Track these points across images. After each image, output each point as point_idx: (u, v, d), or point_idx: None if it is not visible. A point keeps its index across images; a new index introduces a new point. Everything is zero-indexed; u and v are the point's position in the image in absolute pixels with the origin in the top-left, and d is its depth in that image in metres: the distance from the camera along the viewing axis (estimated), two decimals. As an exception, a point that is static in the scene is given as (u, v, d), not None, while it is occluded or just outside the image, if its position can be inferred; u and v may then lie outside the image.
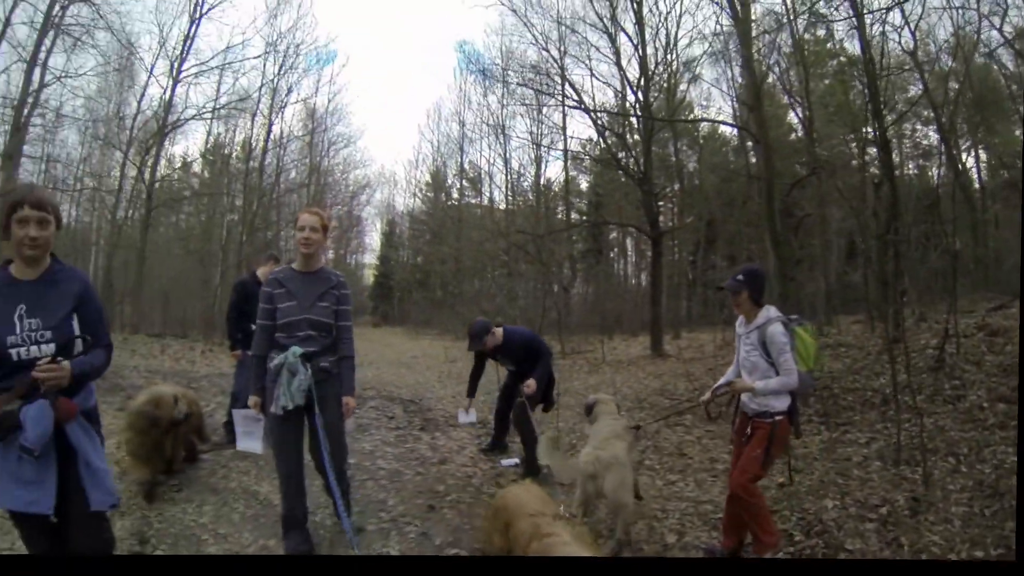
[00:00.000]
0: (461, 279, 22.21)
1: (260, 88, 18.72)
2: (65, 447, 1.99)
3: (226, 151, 20.84)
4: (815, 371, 3.37)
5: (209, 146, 20.42)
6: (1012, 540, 3.05)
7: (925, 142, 14.08)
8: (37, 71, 13.48)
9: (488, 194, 23.70)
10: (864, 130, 9.66)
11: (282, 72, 18.97)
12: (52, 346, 1.97)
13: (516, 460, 4.97)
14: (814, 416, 6.27)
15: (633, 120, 12.93)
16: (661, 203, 16.07)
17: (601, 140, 14.15)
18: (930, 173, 13.32)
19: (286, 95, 19.64)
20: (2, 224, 2.00)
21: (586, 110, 12.77)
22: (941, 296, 8.67)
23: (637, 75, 12.83)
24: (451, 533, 3.58)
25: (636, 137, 13.13)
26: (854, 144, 9.92)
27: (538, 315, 14.38)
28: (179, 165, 20.21)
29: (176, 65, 15.95)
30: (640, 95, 12.38)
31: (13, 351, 1.93)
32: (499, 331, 4.99)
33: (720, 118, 15.58)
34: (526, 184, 21.88)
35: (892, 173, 8.31)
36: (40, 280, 2.03)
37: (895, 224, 8.11)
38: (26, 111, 13.46)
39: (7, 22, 12.31)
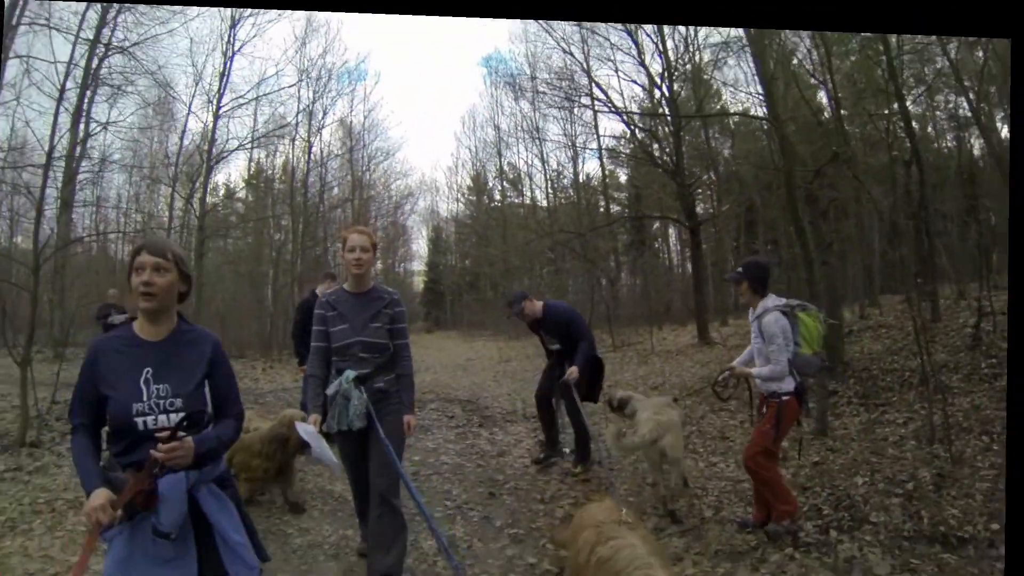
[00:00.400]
0: (510, 279, 22.53)
1: (297, 114, 19.63)
2: (198, 518, 1.79)
3: (268, 173, 21.87)
4: (820, 353, 3.61)
5: (252, 172, 21.39)
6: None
7: (961, 112, 13.62)
8: (82, 122, 14.32)
9: (529, 194, 24.01)
10: (889, 107, 9.54)
11: (316, 97, 19.83)
12: (182, 414, 1.74)
13: (567, 449, 5.15)
14: (853, 398, 6.43)
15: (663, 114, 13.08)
16: (699, 191, 16.10)
17: (632, 136, 14.35)
18: (969, 144, 12.89)
19: (322, 117, 20.41)
20: (127, 276, 1.84)
21: (615, 110, 13.01)
22: (979, 272, 8.56)
23: (661, 69, 13.01)
24: (510, 516, 4.04)
25: (667, 129, 13.28)
26: (883, 122, 9.78)
27: (587, 309, 14.72)
28: (223, 193, 20.95)
29: (215, 100, 16.68)
30: (665, 89, 12.57)
31: (139, 420, 1.72)
32: (539, 304, 5.01)
33: (750, 101, 15.51)
34: (566, 181, 22.14)
35: (917, 150, 8.26)
36: (168, 340, 1.83)
37: (925, 202, 8.08)
38: (74, 162, 14.26)
39: (63, 88, 13.33)
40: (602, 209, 20.73)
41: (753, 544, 3.30)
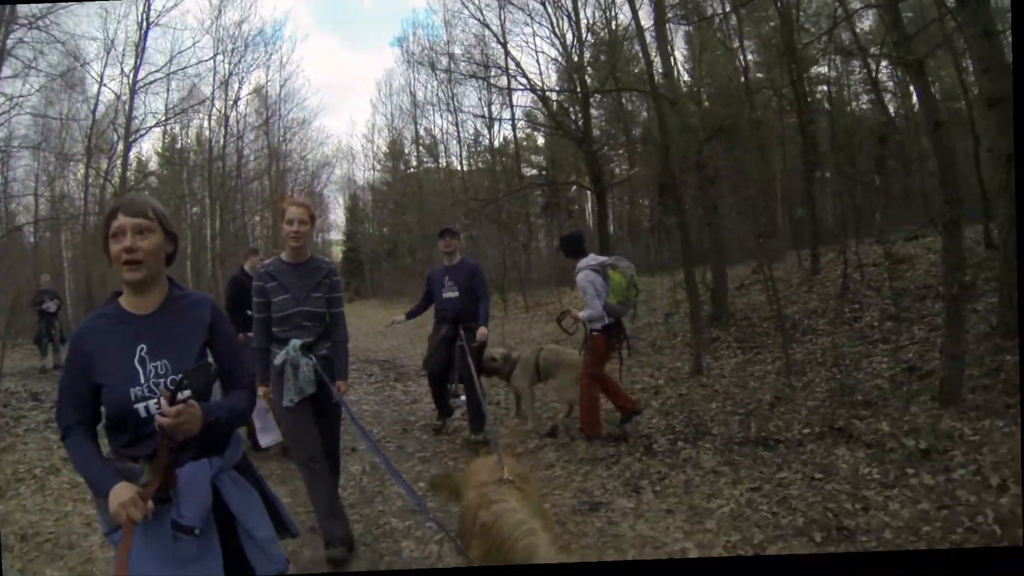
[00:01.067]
0: (428, 245, 23.12)
1: (214, 87, 19.30)
2: (220, 510, 1.62)
3: (181, 145, 21.32)
4: (626, 300, 4.67)
5: (165, 144, 20.95)
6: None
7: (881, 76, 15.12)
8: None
9: (445, 160, 24.44)
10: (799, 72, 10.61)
11: (233, 69, 19.53)
12: (187, 393, 1.54)
13: (463, 397, 5.43)
14: (733, 343, 7.43)
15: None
16: (614, 154, 17.09)
17: (543, 104, 15.15)
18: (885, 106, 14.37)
19: (238, 88, 20.25)
20: (101, 247, 1.67)
21: (528, 87, 13.71)
22: (856, 229, 9.87)
23: (572, 38, 13.76)
24: (419, 445, 5.02)
25: (576, 97, 14.08)
26: (782, 86, 10.86)
27: (500, 273, 15.46)
28: (134, 167, 20.84)
29: (131, 74, 16.43)
30: (575, 57, 13.32)
31: (140, 406, 1.55)
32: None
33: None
34: (483, 145, 22.66)
35: (801, 113, 9.41)
36: (161, 311, 1.65)
37: (813, 164, 9.23)
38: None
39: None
40: (518, 176, 21.48)
41: (611, 453, 4.13)
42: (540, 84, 14.70)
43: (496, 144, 21.84)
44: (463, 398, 5.36)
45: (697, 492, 3.40)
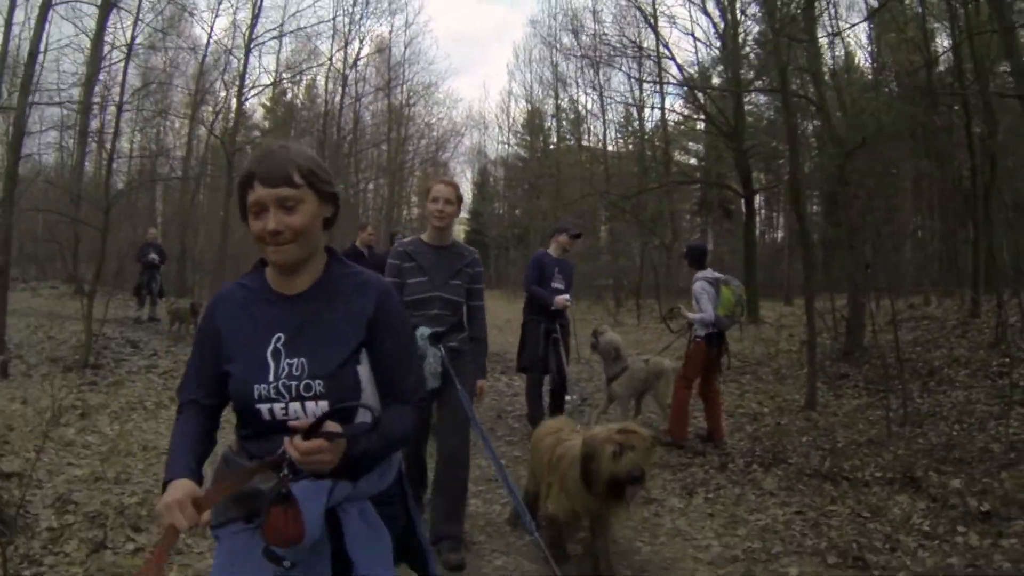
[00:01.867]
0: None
1: (332, 45, 20.81)
2: (336, 550, 1.41)
3: (289, 97, 22.77)
4: (732, 315, 5.64)
5: (273, 97, 22.35)
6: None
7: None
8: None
9: (588, 138, 24.64)
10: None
11: (353, 29, 21.06)
12: (324, 404, 1.39)
13: (575, 394, 6.67)
14: (861, 381, 7.71)
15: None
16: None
17: (691, 95, 15.40)
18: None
19: (359, 48, 21.67)
20: (240, 216, 1.48)
21: (683, 83, 14.11)
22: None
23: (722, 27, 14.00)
24: (509, 430, 6.21)
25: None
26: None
27: (635, 278, 16.00)
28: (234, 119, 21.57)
29: (247, 32, 18.00)
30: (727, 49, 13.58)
31: (264, 407, 1.41)
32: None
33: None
34: (633, 126, 22.79)
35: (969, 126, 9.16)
36: (311, 292, 1.49)
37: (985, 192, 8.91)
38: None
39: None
40: (665, 168, 21.45)
41: (684, 463, 5.01)
42: (694, 65, 14.93)
43: (647, 127, 22.01)
44: (574, 396, 6.33)
45: (744, 506, 4.16)
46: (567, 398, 5.79)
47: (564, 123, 25.79)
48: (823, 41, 11.31)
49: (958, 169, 10.85)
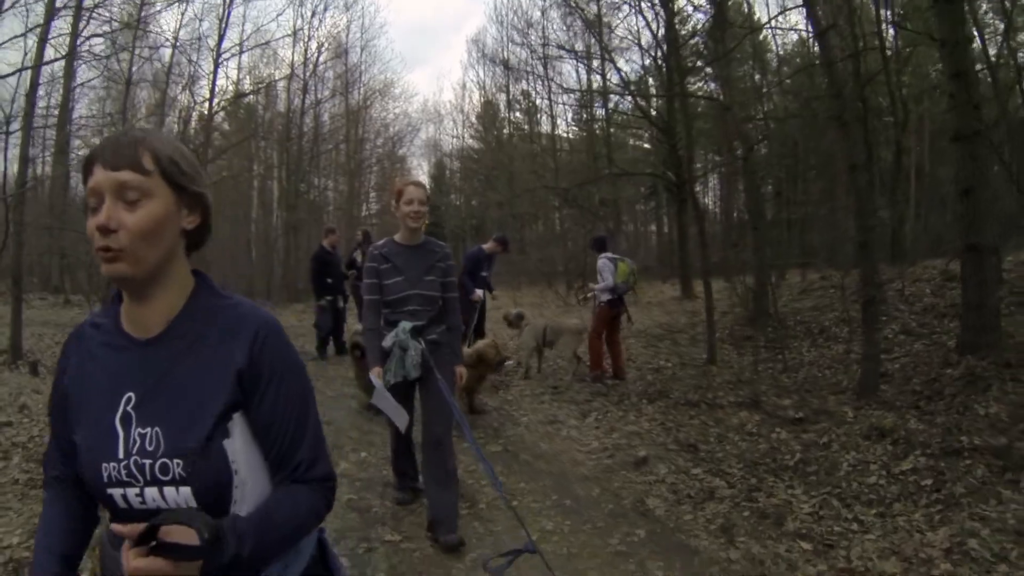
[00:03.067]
0: (518, 225, 24.78)
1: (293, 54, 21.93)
2: None
3: (249, 101, 23.72)
4: (627, 282, 7.64)
5: (231, 95, 22.80)
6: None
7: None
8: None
9: (542, 127, 25.99)
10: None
11: (310, 29, 22.28)
12: (187, 491, 1.06)
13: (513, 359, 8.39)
14: (764, 342, 9.31)
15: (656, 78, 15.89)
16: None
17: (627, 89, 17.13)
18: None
19: (317, 53, 22.92)
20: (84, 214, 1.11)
21: (625, 91, 15.76)
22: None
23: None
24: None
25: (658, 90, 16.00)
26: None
27: (581, 261, 17.49)
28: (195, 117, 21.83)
29: (215, 48, 18.97)
30: (664, 48, 15.29)
31: (116, 492, 1.07)
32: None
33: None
34: (584, 118, 24.19)
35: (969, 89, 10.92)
36: (168, 336, 1.12)
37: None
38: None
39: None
40: (609, 161, 22.92)
41: (587, 398, 6.64)
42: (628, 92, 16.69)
43: (597, 119, 23.35)
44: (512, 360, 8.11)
45: (623, 422, 5.74)
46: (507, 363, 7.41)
47: (517, 114, 27.11)
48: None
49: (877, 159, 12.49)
